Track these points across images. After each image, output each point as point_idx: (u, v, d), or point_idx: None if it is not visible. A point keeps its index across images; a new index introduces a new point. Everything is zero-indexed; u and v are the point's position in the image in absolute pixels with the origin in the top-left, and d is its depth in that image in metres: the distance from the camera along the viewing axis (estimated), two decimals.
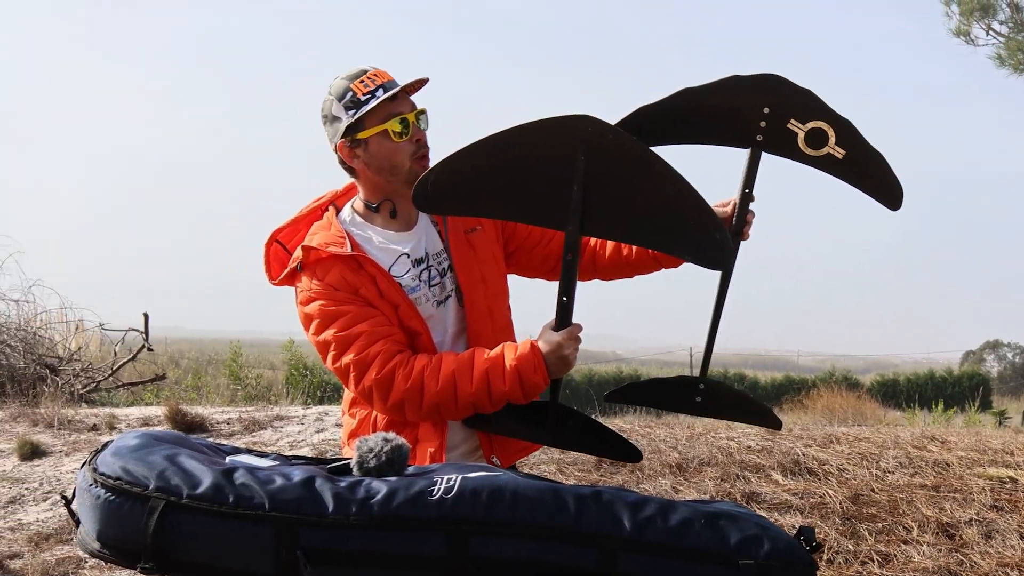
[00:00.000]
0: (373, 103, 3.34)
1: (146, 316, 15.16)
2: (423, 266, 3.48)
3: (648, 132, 3.42)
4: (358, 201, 3.56)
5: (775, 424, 3.66)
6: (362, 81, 3.37)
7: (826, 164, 3.45)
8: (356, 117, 3.35)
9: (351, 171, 3.49)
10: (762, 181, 3.47)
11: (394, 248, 3.48)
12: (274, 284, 3.57)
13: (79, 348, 15.18)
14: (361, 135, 3.38)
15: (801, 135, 3.40)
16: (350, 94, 3.36)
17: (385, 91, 3.35)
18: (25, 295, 15.22)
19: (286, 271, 3.50)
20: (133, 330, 15.48)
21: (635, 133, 3.29)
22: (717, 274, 3.53)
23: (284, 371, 17.50)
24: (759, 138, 3.45)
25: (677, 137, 3.51)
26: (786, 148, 3.45)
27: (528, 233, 3.66)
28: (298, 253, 3.46)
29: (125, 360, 14.68)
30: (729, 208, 3.51)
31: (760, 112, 3.43)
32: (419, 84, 3.45)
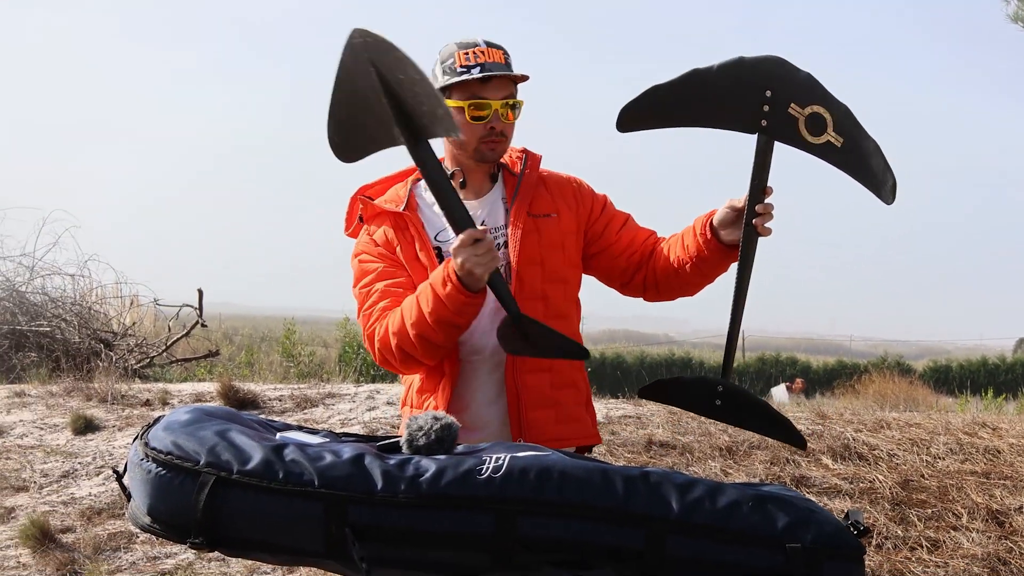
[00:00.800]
0: (462, 78, 3.40)
1: (200, 292, 15.22)
2: None
3: (658, 113, 3.39)
4: None
5: (798, 442, 3.46)
6: (466, 53, 3.43)
7: (826, 152, 3.31)
8: (447, 83, 3.42)
9: None
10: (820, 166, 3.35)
11: None
12: (347, 235, 3.73)
13: (133, 323, 15.27)
14: (448, 102, 3.38)
15: (801, 120, 3.27)
16: (451, 60, 3.44)
17: (481, 71, 3.41)
18: (81, 270, 15.33)
19: (353, 224, 3.68)
20: (187, 306, 15.55)
21: (646, 112, 3.35)
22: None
23: (337, 349, 17.50)
24: (764, 123, 3.32)
25: (686, 119, 3.38)
26: (789, 134, 3.32)
27: (616, 240, 3.64)
28: (361, 206, 3.64)
29: (179, 336, 14.74)
30: (741, 203, 3.36)
31: (763, 96, 3.31)
32: (518, 78, 3.49)
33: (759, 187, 3.32)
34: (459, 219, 3.17)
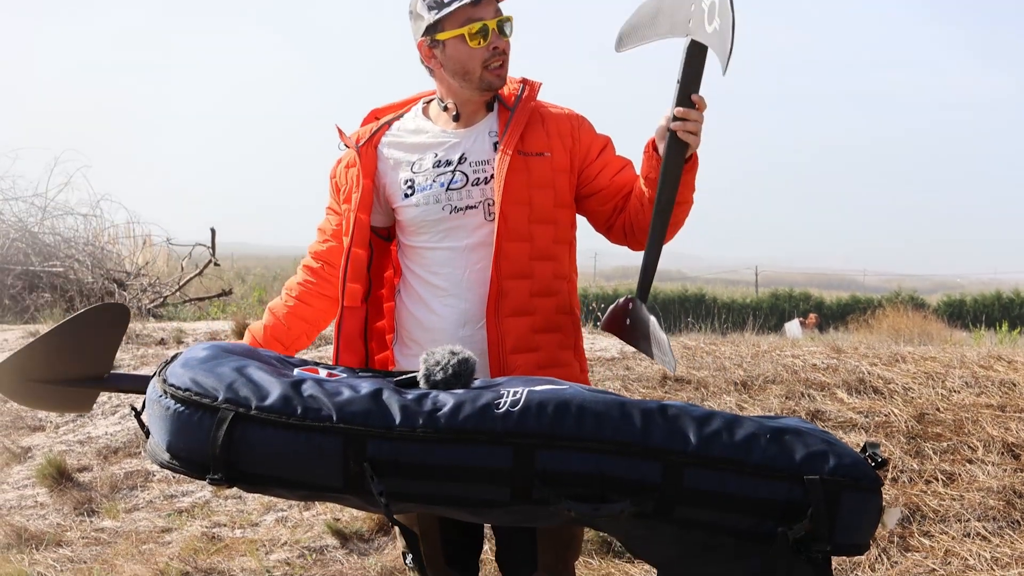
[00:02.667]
0: (454, 6, 3.33)
1: (213, 231, 15.20)
2: (448, 168, 3.47)
3: (639, 32, 3.36)
4: (435, 97, 3.60)
5: (669, 365, 3.30)
6: None
7: (713, 40, 3.13)
8: (436, 18, 3.35)
9: (429, 70, 3.52)
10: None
11: (432, 143, 3.52)
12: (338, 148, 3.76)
13: (146, 263, 15.32)
14: (440, 36, 3.38)
15: (704, 15, 3.13)
16: None
17: None
18: (93, 209, 15.36)
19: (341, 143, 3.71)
20: (200, 245, 15.57)
21: (630, 32, 3.37)
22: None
23: None
24: (690, 23, 3.17)
25: (658, 33, 3.32)
26: (700, 32, 3.16)
27: (608, 185, 3.54)
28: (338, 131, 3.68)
29: (192, 275, 14.76)
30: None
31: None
32: None
33: (684, 92, 3.18)
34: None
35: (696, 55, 3.17)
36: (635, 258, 3.52)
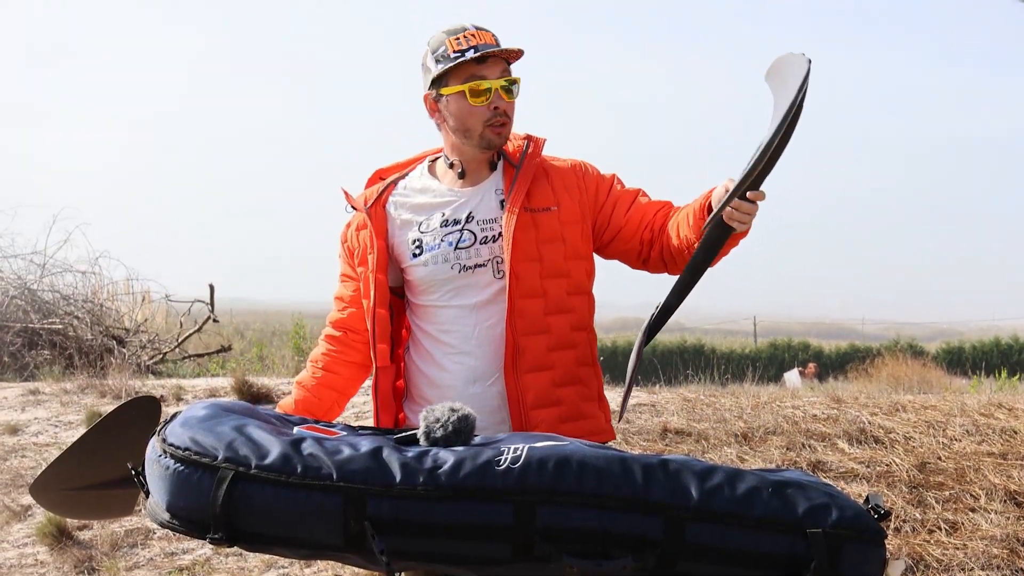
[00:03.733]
0: (459, 61, 3.36)
1: (212, 287, 15.22)
2: (456, 227, 3.49)
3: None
4: (441, 155, 3.63)
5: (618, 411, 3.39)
6: (457, 38, 3.39)
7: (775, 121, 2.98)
8: (441, 71, 3.39)
9: (436, 124, 3.56)
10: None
11: (439, 203, 3.54)
12: (346, 211, 3.76)
13: (145, 319, 15.30)
14: (444, 91, 3.43)
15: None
16: (443, 48, 3.40)
17: (475, 52, 3.36)
18: (92, 266, 15.36)
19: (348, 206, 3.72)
20: (199, 301, 15.56)
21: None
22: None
23: None
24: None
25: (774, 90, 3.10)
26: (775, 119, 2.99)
27: (625, 223, 3.54)
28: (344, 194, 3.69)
29: (191, 331, 14.75)
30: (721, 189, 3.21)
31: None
32: (512, 54, 3.43)
33: (744, 181, 3.06)
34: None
35: (773, 150, 3.01)
36: (634, 309, 3.53)
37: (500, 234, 3.46)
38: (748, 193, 3.08)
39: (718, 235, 3.19)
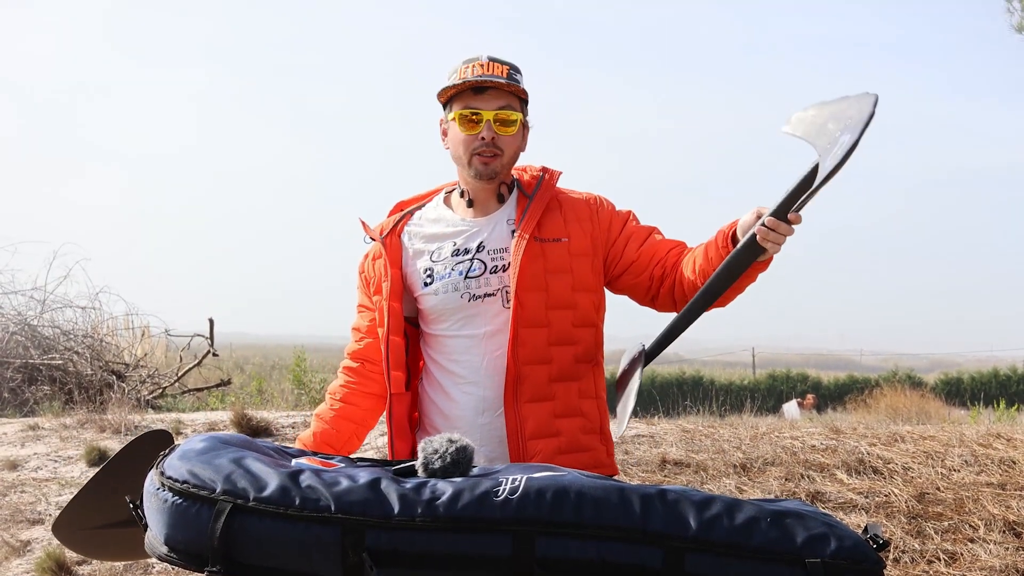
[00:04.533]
0: (460, 87, 3.41)
1: (211, 321, 15.27)
2: (466, 257, 3.51)
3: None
4: (456, 187, 3.67)
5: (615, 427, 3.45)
6: (468, 67, 3.43)
7: (826, 168, 2.99)
8: (447, 97, 3.47)
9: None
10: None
11: (451, 232, 3.57)
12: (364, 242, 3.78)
13: (145, 354, 15.32)
14: (449, 116, 3.49)
15: (834, 148, 2.98)
16: (454, 75, 3.44)
17: (476, 80, 3.39)
18: (92, 302, 15.40)
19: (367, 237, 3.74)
20: (199, 336, 15.60)
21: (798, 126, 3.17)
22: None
23: None
24: (827, 148, 3.00)
25: (806, 135, 3.13)
26: (825, 160, 3.00)
27: (636, 258, 3.54)
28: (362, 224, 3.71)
29: (191, 366, 14.77)
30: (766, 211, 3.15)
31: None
32: (510, 88, 3.44)
33: (785, 205, 3.07)
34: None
35: (813, 178, 3.02)
36: (632, 342, 3.53)
37: (510, 263, 3.46)
38: (789, 215, 3.08)
39: (746, 257, 3.18)
